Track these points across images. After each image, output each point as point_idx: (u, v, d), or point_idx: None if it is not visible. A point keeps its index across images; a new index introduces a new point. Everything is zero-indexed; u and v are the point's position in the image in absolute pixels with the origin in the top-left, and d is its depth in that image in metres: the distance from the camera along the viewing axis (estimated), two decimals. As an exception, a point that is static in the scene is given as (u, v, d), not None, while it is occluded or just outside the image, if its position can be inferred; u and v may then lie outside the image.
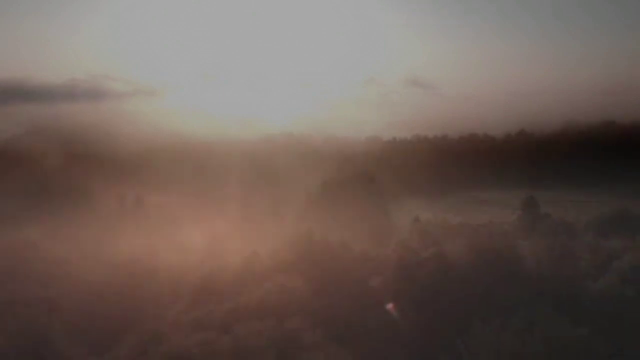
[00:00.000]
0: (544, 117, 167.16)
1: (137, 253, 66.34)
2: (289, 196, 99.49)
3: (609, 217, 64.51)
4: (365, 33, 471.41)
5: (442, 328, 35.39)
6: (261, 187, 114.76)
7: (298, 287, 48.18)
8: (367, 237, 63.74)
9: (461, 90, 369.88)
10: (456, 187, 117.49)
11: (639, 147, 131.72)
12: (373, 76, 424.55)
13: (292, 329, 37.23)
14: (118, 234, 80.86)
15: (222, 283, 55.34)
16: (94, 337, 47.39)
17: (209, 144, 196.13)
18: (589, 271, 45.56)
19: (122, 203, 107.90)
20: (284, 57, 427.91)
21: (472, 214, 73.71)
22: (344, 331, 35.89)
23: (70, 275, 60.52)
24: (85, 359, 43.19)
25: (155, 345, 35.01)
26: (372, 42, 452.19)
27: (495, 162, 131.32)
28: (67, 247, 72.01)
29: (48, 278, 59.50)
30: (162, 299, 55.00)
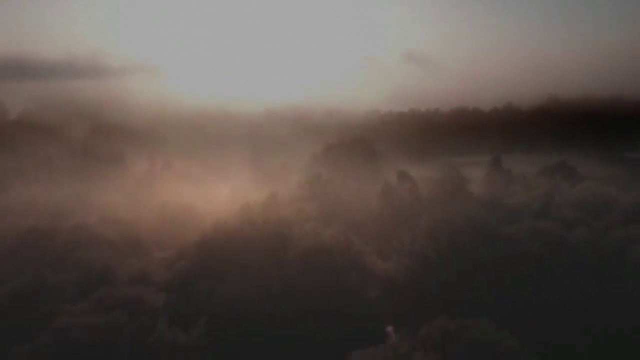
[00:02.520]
0: (530, 92, 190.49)
1: (173, 200, 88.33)
2: (296, 157, 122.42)
3: (550, 169, 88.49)
4: (364, 11, 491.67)
5: (405, 221, 59.08)
6: (270, 151, 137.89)
7: (311, 209, 71.91)
8: (361, 183, 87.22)
9: (456, 66, 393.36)
10: (442, 153, 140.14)
11: (614, 119, 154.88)
12: (372, 53, 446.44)
13: (309, 227, 60.59)
14: (151, 189, 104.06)
15: (252, 213, 78.80)
16: (163, 241, 70.49)
17: (217, 117, 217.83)
18: (516, 197, 69.78)
19: (148, 165, 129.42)
20: (285, 35, 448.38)
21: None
22: (344, 224, 59.40)
23: (129, 211, 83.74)
24: (159, 254, 65.44)
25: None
26: (371, 20, 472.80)
27: (479, 132, 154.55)
28: (111, 197, 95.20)
29: (114, 211, 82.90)
30: (207, 225, 76.82)
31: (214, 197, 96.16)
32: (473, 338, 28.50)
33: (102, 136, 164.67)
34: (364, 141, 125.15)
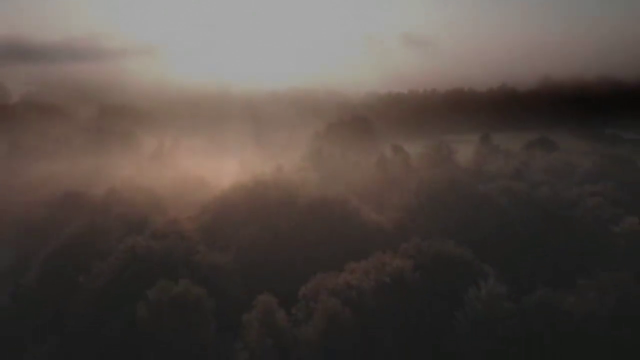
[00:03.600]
0: (526, 73, 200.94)
1: (186, 171, 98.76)
2: (299, 135, 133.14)
3: (532, 142, 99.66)
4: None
5: (396, 184, 70.28)
6: (274, 129, 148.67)
7: (315, 176, 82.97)
8: (359, 155, 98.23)
9: (455, 48, 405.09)
10: (435, 130, 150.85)
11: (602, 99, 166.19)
12: (373, 35, 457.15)
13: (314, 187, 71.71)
14: (164, 162, 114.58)
15: (264, 178, 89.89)
16: (180, 205, 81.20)
17: (220, 98, 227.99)
18: (496, 164, 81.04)
19: (158, 142, 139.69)
20: (286, 18, 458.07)
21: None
22: (344, 187, 70.50)
23: (147, 181, 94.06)
24: (180, 215, 76.18)
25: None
26: (371, 3, 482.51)
27: (474, 111, 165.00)
28: (128, 169, 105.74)
29: (134, 180, 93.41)
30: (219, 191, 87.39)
31: (224, 169, 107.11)
32: (438, 251, 39.50)
33: (111, 116, 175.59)
34: (363, 119, 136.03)
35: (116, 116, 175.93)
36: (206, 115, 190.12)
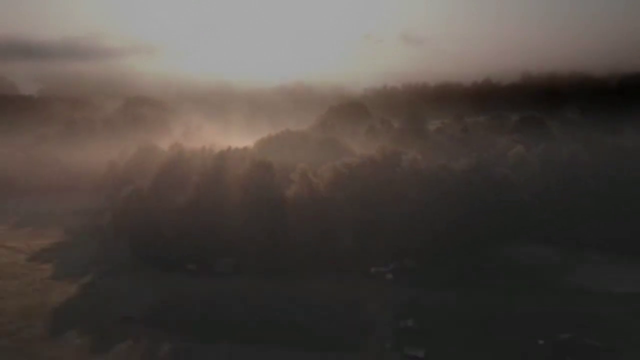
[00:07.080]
0: (509, 69, 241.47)
1: (214, 143, 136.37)
2: (305, 119, 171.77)
3: (488, 117, 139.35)
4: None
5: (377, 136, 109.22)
6: (282, 116, 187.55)
7: (318, 136, 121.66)
8: (355, 127, 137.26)
9: (448, 46, 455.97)
10: (422, 116, 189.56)
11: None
12: (371, 34, 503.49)
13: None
14: (195, 139, 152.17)
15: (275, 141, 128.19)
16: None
17: (226, 93, 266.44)
18: (454, 128, 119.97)
19: (184, 126, 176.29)
20: (287, 17, 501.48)
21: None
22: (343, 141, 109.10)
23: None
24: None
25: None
26: (371, 3, 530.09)
27: (457, 101, 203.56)
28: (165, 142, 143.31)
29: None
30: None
31: (244, 144, 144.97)
32: (396, 149, 78.24)
33: (134, 106, 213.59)
34: (360, 105, 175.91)
35: (140, 106, 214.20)
36: (216, 106, 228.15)
